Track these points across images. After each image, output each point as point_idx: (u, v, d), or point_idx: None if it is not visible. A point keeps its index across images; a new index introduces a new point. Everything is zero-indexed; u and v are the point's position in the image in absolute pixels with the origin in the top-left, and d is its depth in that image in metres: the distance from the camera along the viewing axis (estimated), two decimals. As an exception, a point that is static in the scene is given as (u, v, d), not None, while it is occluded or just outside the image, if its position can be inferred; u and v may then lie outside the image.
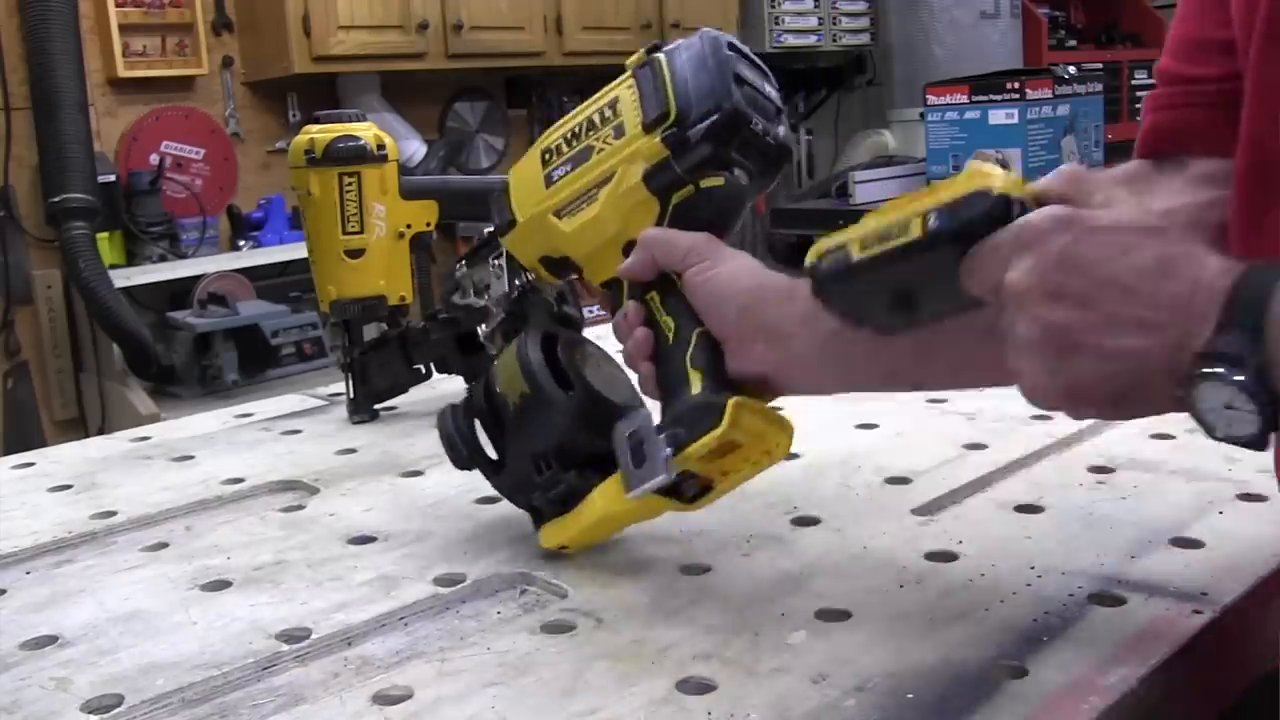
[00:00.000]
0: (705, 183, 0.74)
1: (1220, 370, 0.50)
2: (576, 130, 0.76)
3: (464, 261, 1.03)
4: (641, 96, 0.73)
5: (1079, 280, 0.53)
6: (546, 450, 0.74)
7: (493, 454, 0.79)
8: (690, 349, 0.70)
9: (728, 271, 0.71)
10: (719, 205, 0.74)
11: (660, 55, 0.74)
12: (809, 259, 0.61)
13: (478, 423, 0.79)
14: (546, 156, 0.77)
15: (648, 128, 0.73)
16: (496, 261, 1.10)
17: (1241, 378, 0.49)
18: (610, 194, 0.74)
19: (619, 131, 0.74)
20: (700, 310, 0.71)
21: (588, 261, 0.78)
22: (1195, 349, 0.51)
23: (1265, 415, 0.50)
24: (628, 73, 0.75)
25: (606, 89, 0.76)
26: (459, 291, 1.06)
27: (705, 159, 0.72)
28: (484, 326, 0.91)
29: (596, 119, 0.75)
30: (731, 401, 0.66)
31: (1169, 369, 0.52)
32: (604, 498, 0.72)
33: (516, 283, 0.89)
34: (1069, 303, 0.53)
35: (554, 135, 0.78)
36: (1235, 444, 0.52)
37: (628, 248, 0.74)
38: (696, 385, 0.69)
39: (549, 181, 0.77)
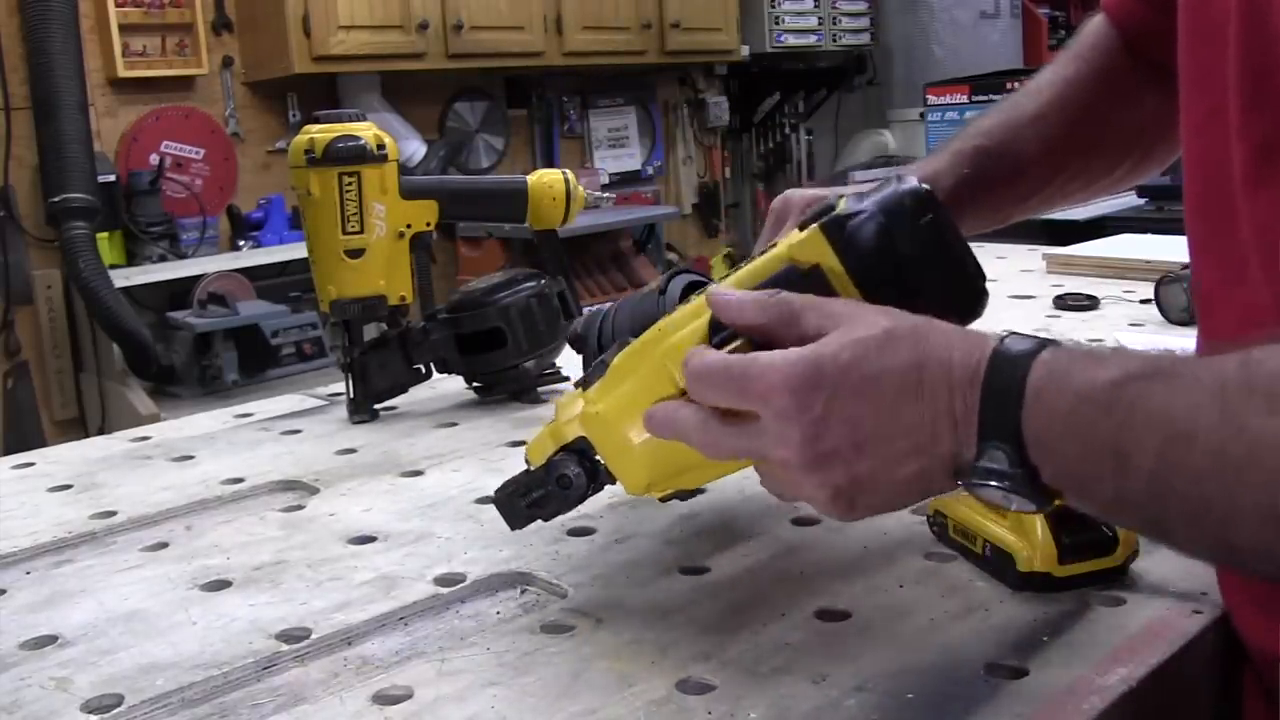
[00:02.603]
0: None
1: (992, 483, 0.54)
2: None
3: None
4: None
5: (843, 435, 0.55)
6: None
7: None
8: None
9: None
10: None
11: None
12: None
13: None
14: None
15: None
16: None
17: (1009, 484, 0.53)
18: None
19: None
20: None
21: None
22: (968, 459, 0.54)
23: (1038, 500, 0.54)
24: None
25: None
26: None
27: None
28: None
29: None
30: None
31: (951, 472, 0.56)
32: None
33: None
34: (844, 461, 0.56)
35: None
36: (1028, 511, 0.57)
37: None
38: None
39: None
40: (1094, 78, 0.86)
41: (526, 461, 0.72)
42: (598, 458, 0.68)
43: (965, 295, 0.63)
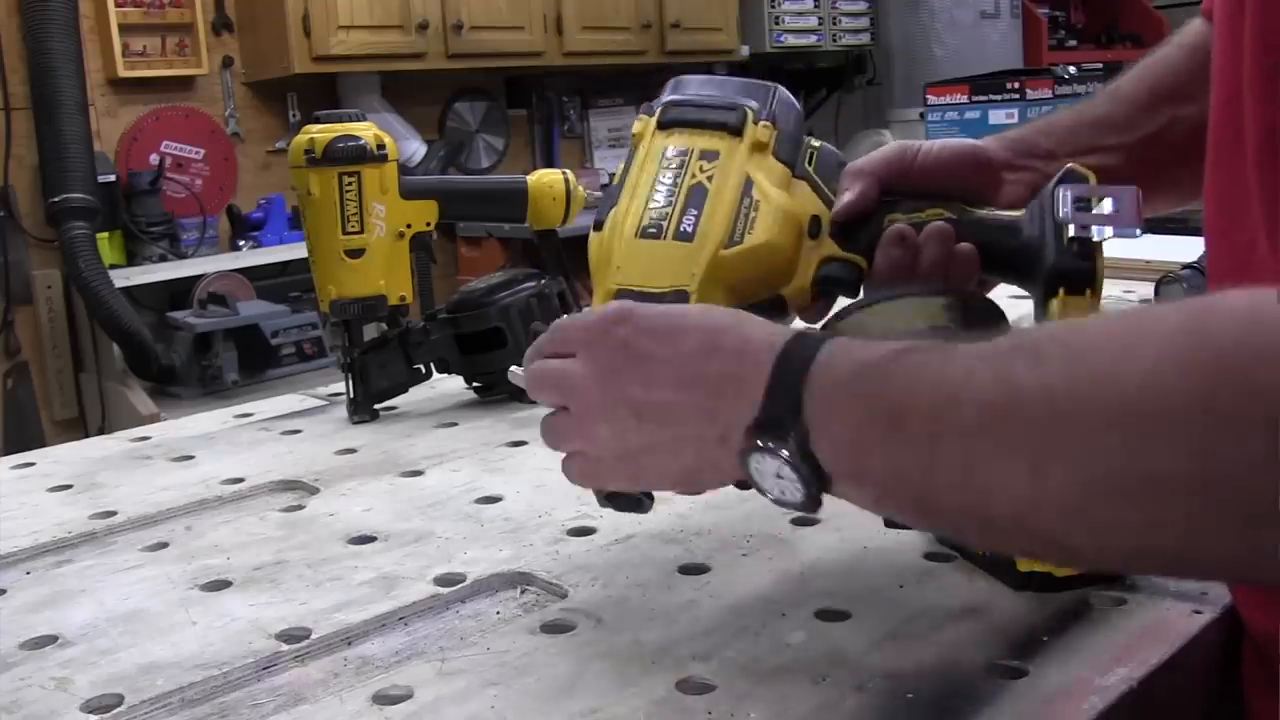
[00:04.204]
0: (814, 142, 0.75)
1: (766, 444, 0.53)
2: (660, 191, 0.71)
3: None
4: (702, 124, 0.72)
5: (640, 372, 0.58)
6: None
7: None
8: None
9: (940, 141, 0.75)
10: (838, 155, 0.76)
11: (674, 97, 0.75)
12: None
13: None
14: (652, 230, 0.70)
15: (736, 129, 0.72)
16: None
17: (785, 452, 0.53)
18: (763, 187, 0.71)
19: (710, 155, 0.72)
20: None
21: (785, 269, 0.72)
22: (746, 424, 0.54)
23: (808, 481, 0.53)
24: (648, 135, 0.73)
25: (641, 155, 0.73)
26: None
27: (798, 116, 0.74)
28: None
29: (671, 170, 0.71)
30: None
31: (726, 446, 0.56)
32: None
33: None
34: (631, 382, 0.58)
35: (631, 216, 0.71)
36: (790, 508, 0.56)
37: (813, 224, 0.73)
38: None
39: (686, 236, 0.69)
40: (1185, 57, 0.82)
41: None
42: None
43: None
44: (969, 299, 0.69)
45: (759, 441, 0.54)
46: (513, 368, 0.70)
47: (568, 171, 1.29)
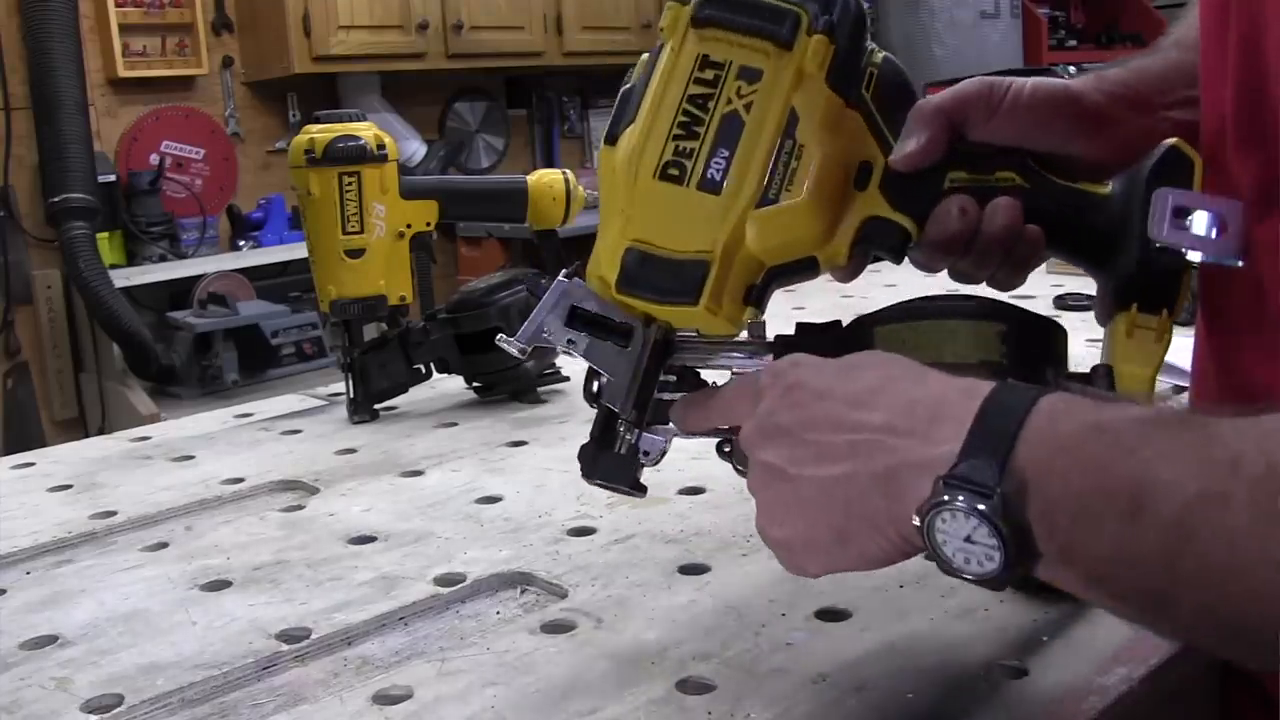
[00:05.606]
0: (875, 56, 0.61)
1: (957, 499, 0.44)
2: (687, 119, 0.59)
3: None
4: (748, 29, 0.59)
5: (793, 414, 0.52)
6: None
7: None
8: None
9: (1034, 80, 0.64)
10: (902, 74, 0.63)
11: None
12: None
13: None
14: (673, 171, 0.59)
15: (786, 40, 0.58)
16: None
17: (984, 508, 0.44)
18: (810, 127, 0.58)
19: (751, 74, 0.59)
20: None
21: (825, 234, 0.60)
22: (938, 471, 0.46)
23: (1007, 551, 0.45)
24: (679, 32, 0.60)
25: (669, 61, 0.60)
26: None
27: (859, 22, 0.60)
28: None
29: (702, 89, 0.59)
30: None
31: (892, 488, 0.48)
32: None
33: None
34: (783, 438, 0.52)
35: (651, 143, 0.59)
36: (968, 579, 0.47)
37: (861, 172, 0.61)
38: None
39: (712, 186, 0.58)
40: None
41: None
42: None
43: None
44: (1028, 324, 0.60)
45: (949, 497, 0.44)
46: (501, 336, 0.65)
47: (568, 171, 1.29)
